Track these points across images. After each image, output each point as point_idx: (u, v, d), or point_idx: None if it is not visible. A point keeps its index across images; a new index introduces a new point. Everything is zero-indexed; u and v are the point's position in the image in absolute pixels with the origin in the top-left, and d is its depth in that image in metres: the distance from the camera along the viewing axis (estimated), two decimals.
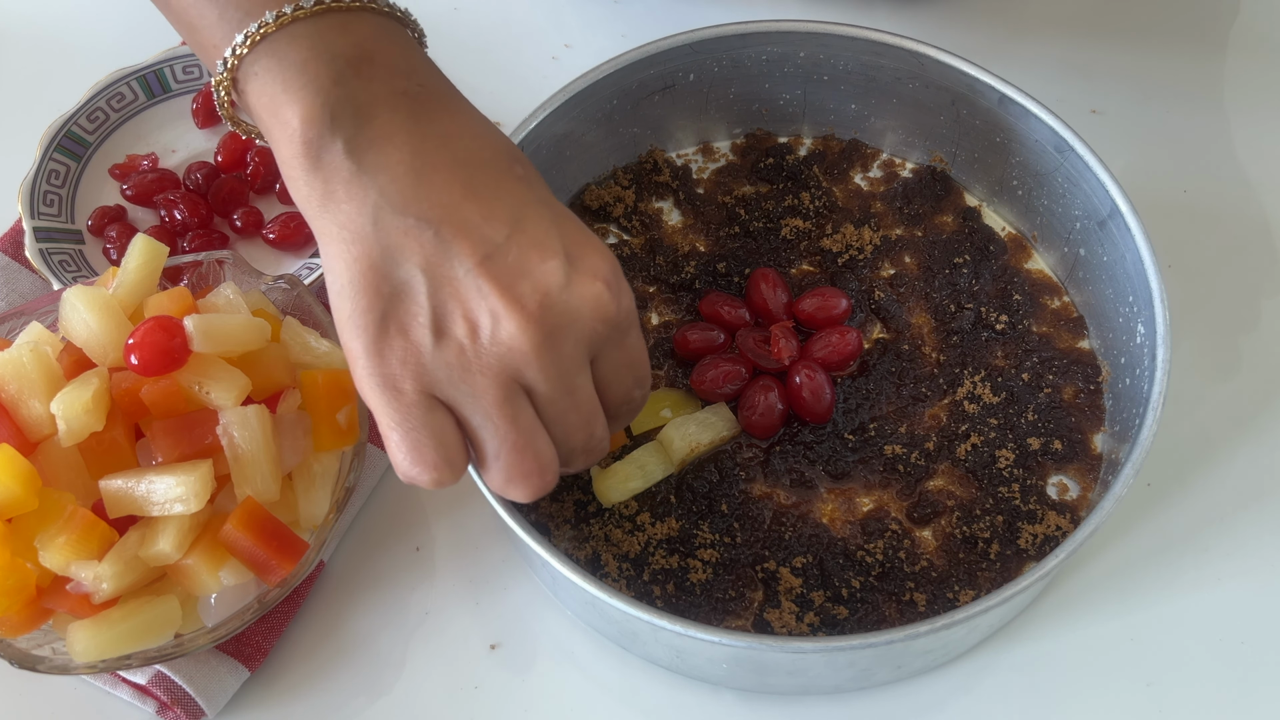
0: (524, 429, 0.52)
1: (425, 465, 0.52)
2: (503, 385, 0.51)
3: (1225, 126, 0.82)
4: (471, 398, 0.52)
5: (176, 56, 0.81)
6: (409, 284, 0.51)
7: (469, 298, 0.51)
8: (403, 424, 0.52)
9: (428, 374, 0.51)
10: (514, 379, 0.52)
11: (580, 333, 0.52)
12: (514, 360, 0.51)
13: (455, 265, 0.51)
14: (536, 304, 0.51)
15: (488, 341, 0.51)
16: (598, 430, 0.55)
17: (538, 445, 0.53)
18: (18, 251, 0.77)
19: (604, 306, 0.53)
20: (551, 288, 0.51)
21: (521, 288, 0.51)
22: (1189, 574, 0.67)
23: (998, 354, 0.71)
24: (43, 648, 0.61)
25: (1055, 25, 0.87)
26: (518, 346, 0.51)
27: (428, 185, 0.52)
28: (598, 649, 0.66)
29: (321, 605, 0.68)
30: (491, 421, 0.52)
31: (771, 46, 0.74)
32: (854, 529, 0.66)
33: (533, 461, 0.53)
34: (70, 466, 0.60)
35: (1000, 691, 0.65)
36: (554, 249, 0.52)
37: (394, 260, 0.51)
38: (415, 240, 0.51)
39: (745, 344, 0.69)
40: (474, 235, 0.51)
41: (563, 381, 0.52)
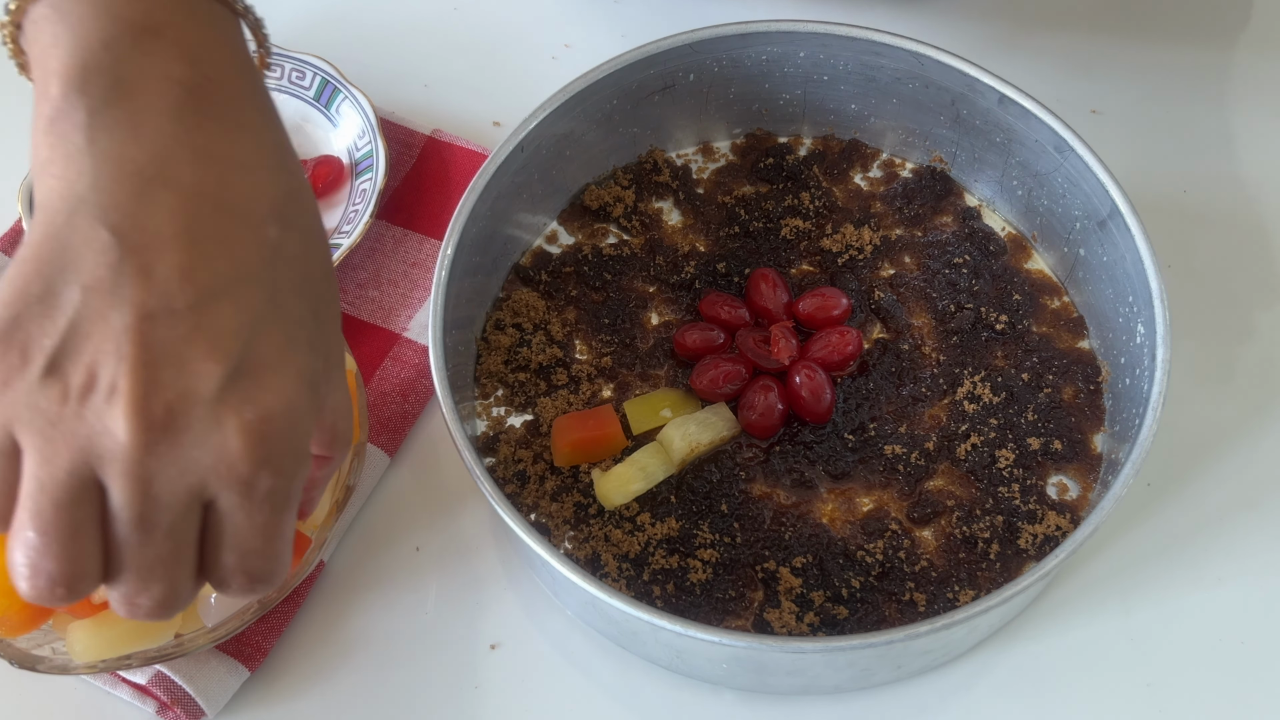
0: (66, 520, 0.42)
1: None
2: (74, 464, 0.42)
3: (1226, 127, 0.82)
4: (39, 457, 0.42)
5: None
6: (59, 297, 0.42)
7: (104, 349, 0.42)
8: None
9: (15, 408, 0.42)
10: (92, 468, 0.42)
11: (195, 466, 0.43)
12: (103, 446, 0.42)
13: (116, 307, 0.42)
14: (165, 403, 0.42)
15: (90, 410, 0.42)
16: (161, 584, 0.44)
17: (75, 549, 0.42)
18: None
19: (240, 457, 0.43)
20: (193, 394, 0.42)
21: (163, 373, 0.42)
22: (1189, 574, 0.67)
23: (998, 354, 0.71)
24: (43, 648, 0.61)
25: (1055, 25, 0.87)
26: (114, 434, 0.42)
27: (146, 204, 0.43)
28: (598, 649, 0.66)
29: (321, 605, 0.68)
30: (40, 489, 0.42)
31: (771, 46, 0.74)
32: (854, 529, 0.66)
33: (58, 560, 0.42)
34: None
35: (1000, 691, 0.65)
36: (227, 353, 0.43)
37: (62, 264, 0.43)
38: (95, 257, 0.42)
39: (745, 344, 0.69)
40: (155, 285, 0.42)
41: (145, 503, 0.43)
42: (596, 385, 0.71)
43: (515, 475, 0.68)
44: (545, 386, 0.70)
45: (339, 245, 0.74)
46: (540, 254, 0.75)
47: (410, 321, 0.75)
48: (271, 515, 0.45)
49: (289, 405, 0.44)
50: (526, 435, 0.69)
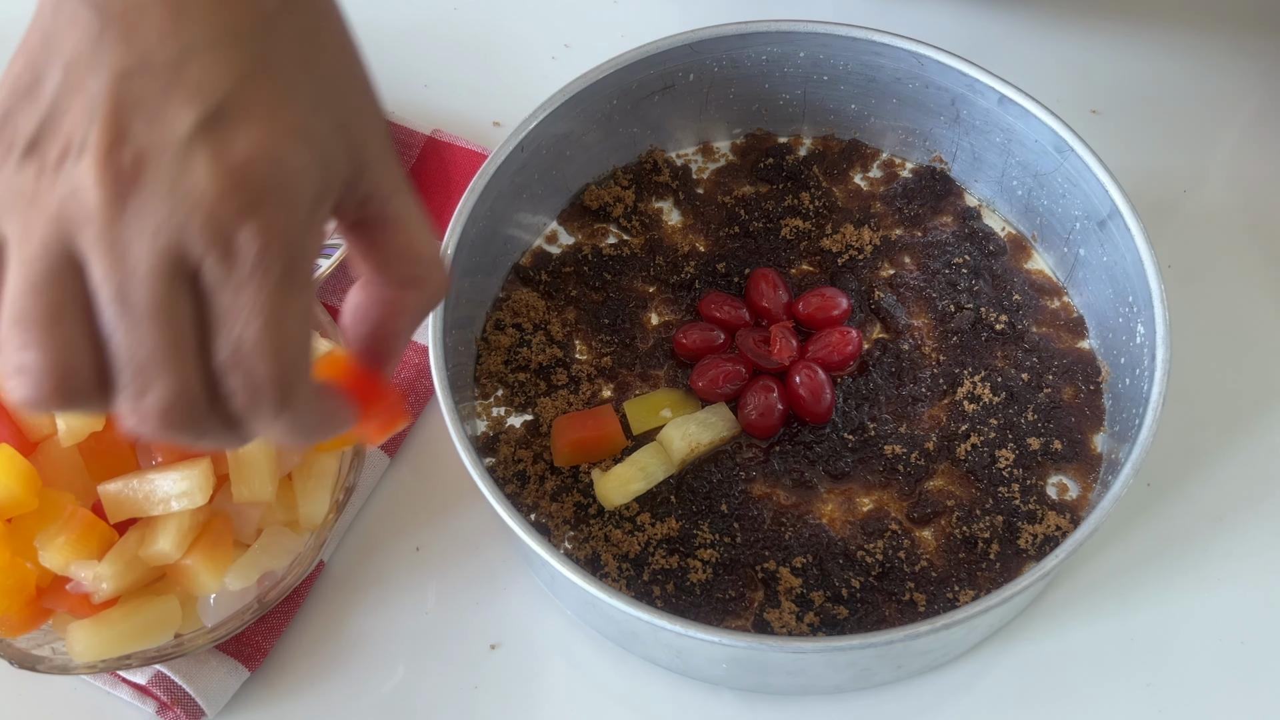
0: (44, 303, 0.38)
1: None
2: (47, 238, 0.39)
3: (1226, 127, 0.82)
4: (16, 240, 0.39)
5: None
6: (43, 82, 0.40)
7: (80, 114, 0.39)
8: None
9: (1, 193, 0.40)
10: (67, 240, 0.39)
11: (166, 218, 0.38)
12: (73, 210, 0.38)
13: (94, 72, 0.39)
14: (133, 151, 0.38)
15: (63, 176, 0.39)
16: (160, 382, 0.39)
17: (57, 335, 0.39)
18: None
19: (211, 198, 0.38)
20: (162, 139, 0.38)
21: (134, 123, 0.38)
22: (1189, 574, 0.67)
23: (998, 354, 0.71)
24: (43, 648, 0.61)
25: (1055, 25, 0.87)
26: (82, 193, 0.38)
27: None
28: (598, 649, 0.66)
29: (321, 605, 0.68)
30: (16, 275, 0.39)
31: (771, 46, 0.74)
32: (854, 529, 0.66)
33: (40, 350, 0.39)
34: (70, 466, 0.60)
35: (1000, 691, 0.65)
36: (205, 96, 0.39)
37: (48, 53, 0.40)
38: (78, 34, 0.39)
39: (745, 344, 0.69)
40: (134, 44, 0.39)
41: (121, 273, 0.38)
42: (596, 385, 0.71)
43: (515, 475, 0.68)
44: (545, 386, 0.70)
45: (339, 245, 0.74)
46: (540, 254, 0.75)
47: None
48: (264, 290, 0.39)
49: (274, 152, 0.39)
50: (526, 435, 0.69)
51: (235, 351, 0.39)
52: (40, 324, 0.39)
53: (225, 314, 0.39)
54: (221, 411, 0.41)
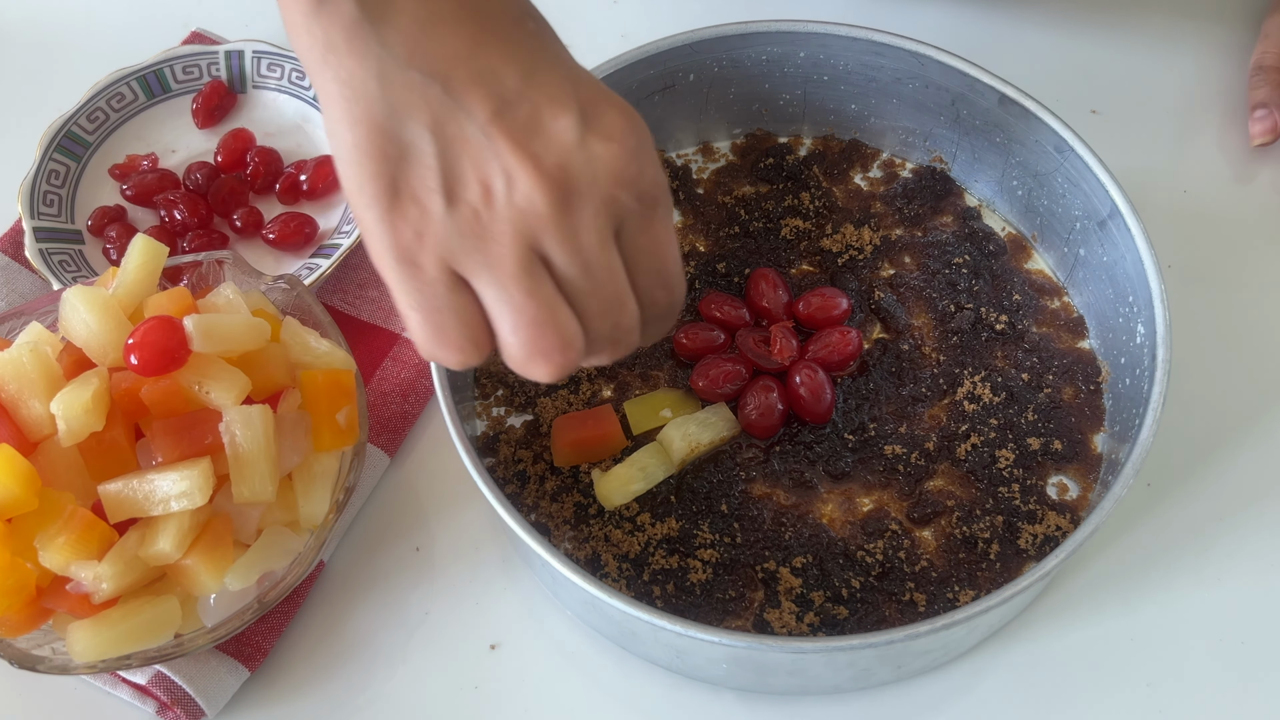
0: (543, 301, 0.48)
1: (450, 346, 0.49)
2: (519, 253, 0.47)
3: (1225, 126, 0.82)
4: (487, 268, 0.48)
5: (176, 56, 0.81)
6: (416, 145, 0.47)
7: (481, 157, 0.47)
8: (424, 304, 0.48)
9: (443, 245, 0.47)
10: (531, 247, 0.48)
11: (600, 198, 0.48)
12: (531, 225, 0.47)
13: (465, 122, 0.47)
14: (554, 163, 0.47)
15: (502, 205, 0.47)
16: (625, 318, 0.50)
17: (559, 319, 0.49)
18: (18, 251, 0.77)
19: (623, 169, 0.48)
20: (567, 145, 0.47)
21: (535, 145, 0.47)
22: (1189, 574, 0.67)
23: (998, 354, 0.71)
24: (43, 648, 0.61)
25: (1055, 25, 0.87)
26: (533, 209, 0.47)
27: (435, 37, 0.47)
28: (598, 649, 0.66)
29: (321, 605, 0.68)
30: (508, 293, 0.48)
31: (771, 46, 0.74)
32: (854, 529, 0.66)
33: (554, 336, 0.49)
34: (70, 466, 0.60)
35: (1000, 691, 0.65)
36: (568, 104, 0.48)
37: (399, 119, 0.47)
38: (422, 96, 0.47)
39: (745, 344, 0.69)
40: (484, 89, 0.47)
41: (583, 253, 0.48)
42: (596, 385, 0.71)
43: (515, 475, 0.68)
44: (545, 386, 0.70)
45: (339, 245, 0.74)
46: None
47: None
48: (666, 224, 0.50)
49: (629, 117, 0.49)
50: (526, 435, 0.69)
51: (659, 272, 0.51)
52: (547, 318, 0.48)
53: (647, 250, 0.50)
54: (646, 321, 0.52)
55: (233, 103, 0.82)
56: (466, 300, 0.49)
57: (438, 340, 0.49)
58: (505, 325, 0.49)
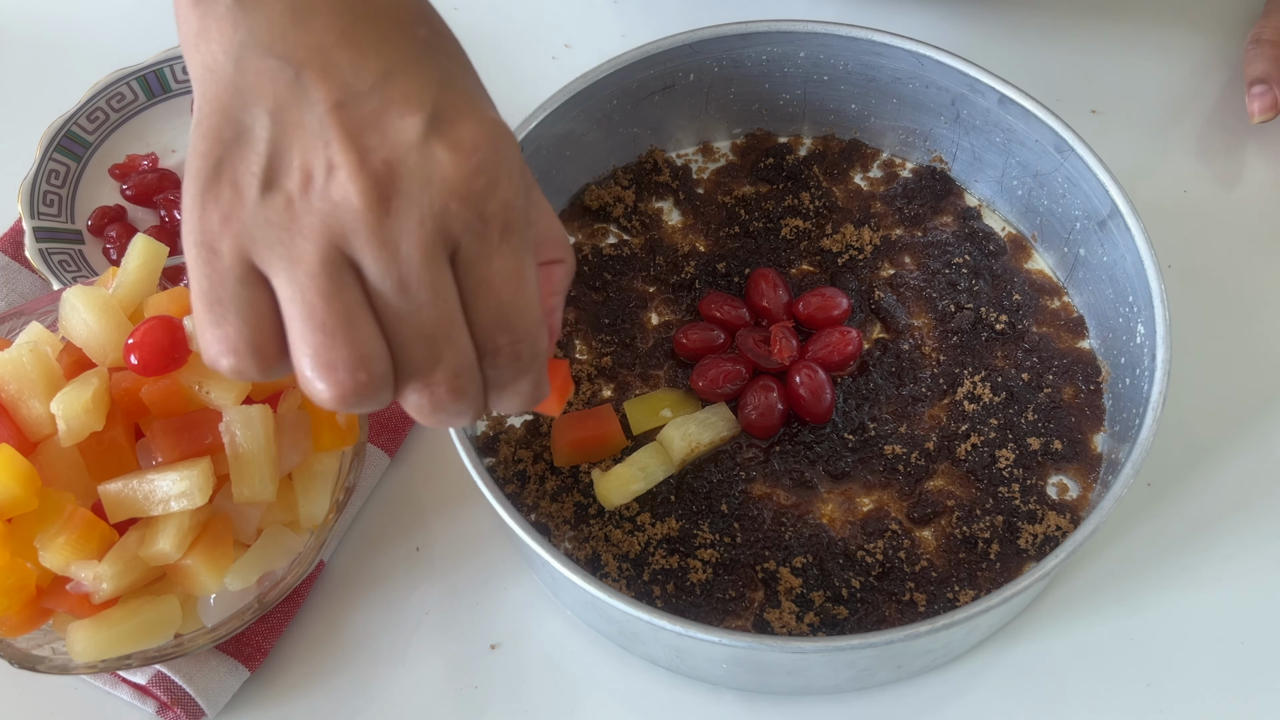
0: (339, 307, 0.43)
1: (225, 348, 0.44)
2: (323, 251, 0.43)
3: (1226, 126, 0.82)
4: (287, 262, 0.43)
5: (176, 56, 0.81)
6: (252, 129, 0.44)
7: (310, 145, 0.44)
8: (210, 293, 0.44)
9: (246, 232, 0.43)
10: (340, 248, 0.43)
11: (429, 207, 0.43)
12: (342, 220, 0.43)
13: (306, 110, 0.44)
14: (381, 160, 0.43)
15: (317, 196, 0.43)
16: (452, 354, 0.45)
17: (355, 332, 0.43)
18: (18, 251, 0.77)
19: (464, 180, 0.44)
20: (402, 145, 0.44)
21: (369, 139, 0.44)
22: (1189, 574, 0.67)
23: (998, 354, 0.71)
24: (43, 648, 0.61)
25: (1055, 25, 0.87)
26: (346, 202, 0.43)
27: (303, 27, 0.45)
28: (598, 649, 0.66)
29: (321, 605, 0.68)
30: (301, 293, 0.43)
31: (771, 46, 0.74)
32: (854, 529, 0.66)
33: (345, 350, 0.43)
34: (70, 466, 0.60)
35: (1000, 691, 0.65)
36: (420, 104, 0.44)
37: (244, 102, 0.44)
38: (271, 82, 0.44)
39: (745, 344, 0.69)
40: (334, 79, 0.44)
41: (400, 264, 0.43)
42: (596, 385, 0.71)
43: (515, 475, 0.68)
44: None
45: None
46: None
47: None
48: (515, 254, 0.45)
49: (493, 133, 0.45)
50: (526, 435, 0.69)
51: (500, 312, 0.45)
52: (340, 326, 0.43)
53: (485, 281, 0.45)
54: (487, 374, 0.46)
55: None
56: (257, 298, 0.44)
57: (215, 335, 0.44)
58: (294, 329, 0.44)
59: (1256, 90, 0.78)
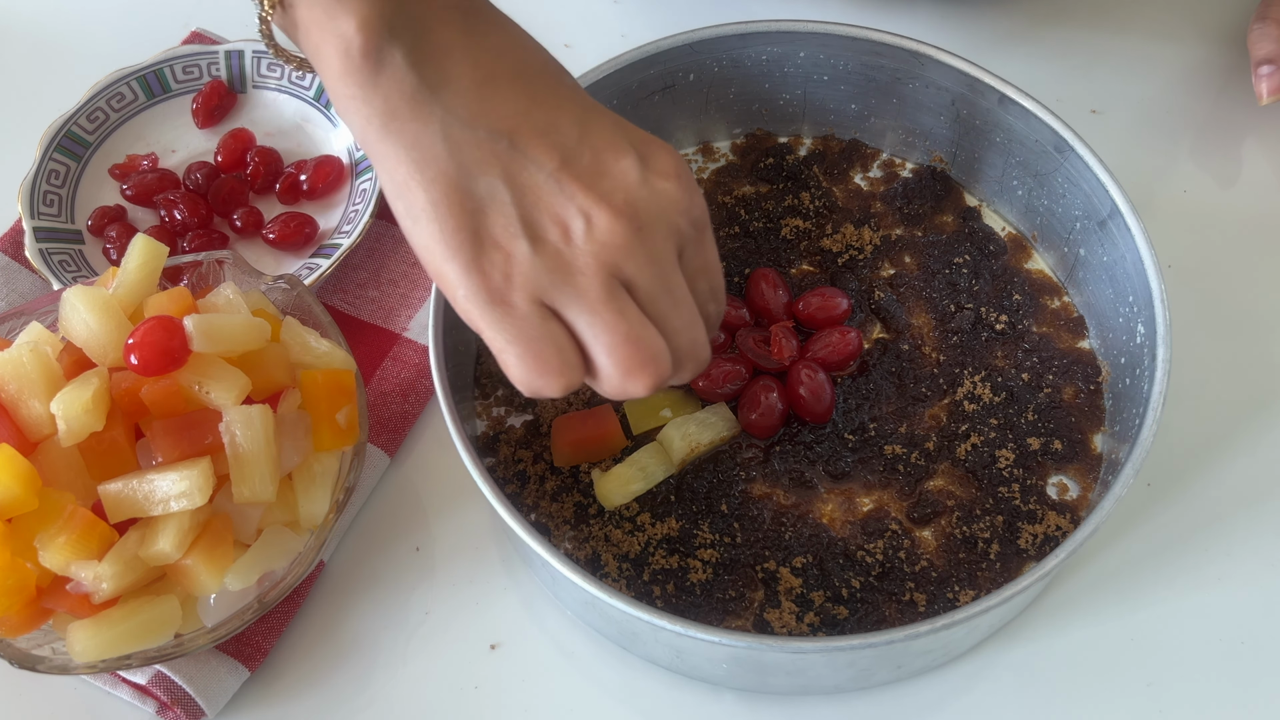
0: (633, 320, 0.52)
1: (551, 372, 0.52)
2: (605, 280, 0.52)
3: (1225, 126, 0.82)
4: (576, 298, 0.52)
5: (176, 56, 0.81)
6: (493, 196, 0.51)
7: (555, 201, 0.51)
8: (519, 338, 0.52)
9: (532, 282, 0.51)
10: (613, 275, 0.52)
11: (667, 227, 0.53)
12: (611, 255, 0.52)
13: (535, 171, 0.51)
14: (623, 199, 0.52)
15: (582, 240, 0.51)
16: (699, 334, 0.55)
17: (648, 335, 0.53)
18: (18, 251, 0.77)
19: (680, 200, 0.53)
20: (632, 184, 0.52)
21: (604, 186, 0.52)
22: (1189, 574, 0.67)
23: (998, 354, 0.71)
24: (43, 648, 0.61)
25: (1055, 25, 0.87)
26: (613, 241, 0.51)
27: (493, 97, 0.52)
28: (598, 649, 0.66)
29: (321, 605, 0.68)
30: (600, 317, 0.52)
31: (771, 46, 0.74)
32: (854, 529, 0.66)
33: (646, 350, 0.52)
34: (70, 466, 0.60)
35: (1000, 691, 0.65)
36: (625, 148, 0.53)
37: (472, 175, 0.51)
38: (490, 152, 0.51)
39: (745, 344, 0.69)
40: (548, 141, 0.52)
41: (661, 276, 0.53)
42: None
43: (515, 475, 0.68)
44: None
45: (339, 245, 0.74)
46: None
47: (410, 321, 0.75)
48: (712, 240, 0.56)
49: (676, 155, 0.54)
50: (526, 435, 0.69)
51: (713, 287, 0.57)
52: (641, 335, 0.52)
53: (699, 269, 0.55)
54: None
55: (233, 102, 0.82)
56: (559, 329, 0.52)
57: (538, 369, 0.52)
58: (600, 347, 0.52)
59: (1264, 71, 0.77)
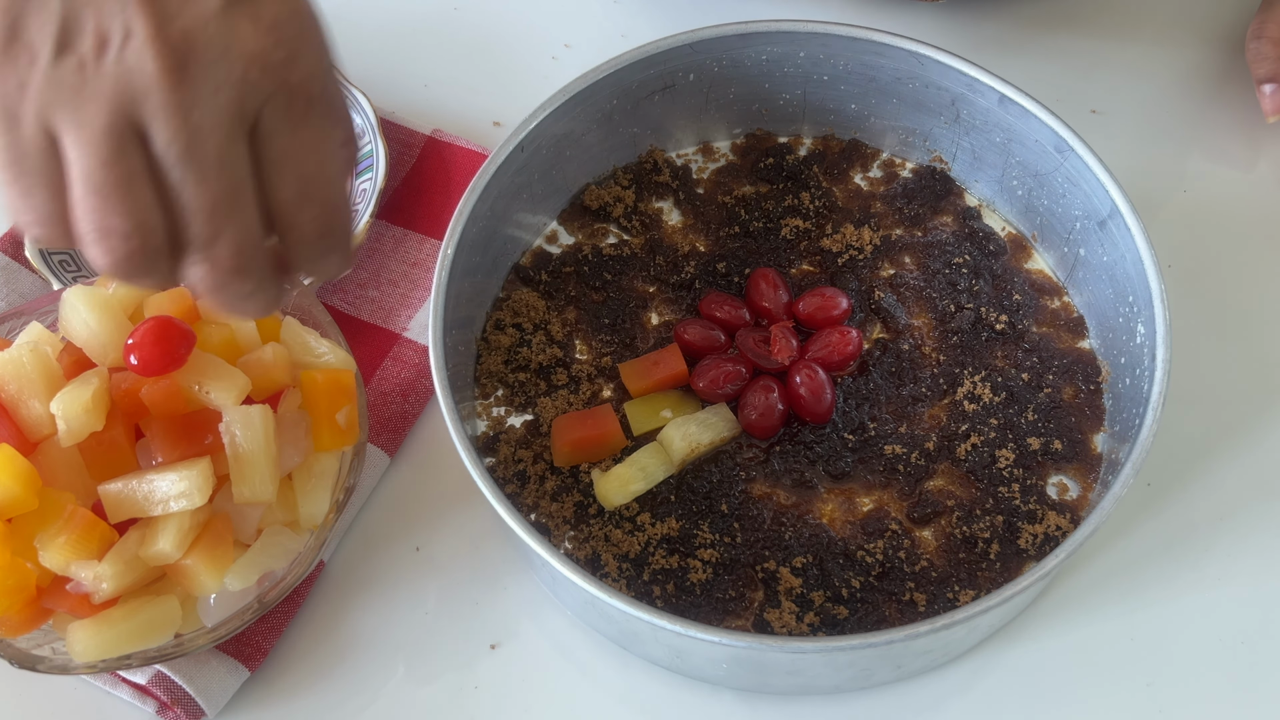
0: (119, 172, 0.43)
1: (36, 217, 0.44)
2: (111, 115, 0.43)
3: (1225, 126, 0.82)
4: (76, 127, 0.43)
5: None
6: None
7: (107, 8, 0.43)
8: (15, 162, 0.44)
9: (43, 97, 0.43)
10: (129, 116, 0.43)
11: (224, 77, 0.43)
12: (133, 86, 0.43)
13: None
14: (179, 28, 0.43)
15: (111, 61, 0.43)
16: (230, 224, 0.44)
17: (134, 199, 0.43)
18: (18, 251, 0.77)
19: (265, 52, 0.44)
20: (204, 14, 0.43)
21: (169, 6, 0.43)
22: (1189, 574, 0.67)
23: (998, 354, 0.71)
24: (43, 648, 0.61)
25: (1055, 25, 0.87)
26: (141, 68, 0.43)
27: None
28: (598, 649, 0.66)
29: (321, 605, 0.68)
30: (85, 155, 0.43)
31: (771, 46, 0.74)
32: (854, 529, 0.66)
33: (121, 216, 0.43)
34: (70, 466, 0.60)
35: (1000, 691, 0.65)
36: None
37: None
38: None
39: (745, 344, 0.69)
40: None
41: (190, 134, 0.43)
42: (596, 385, 0.71)
43: (515, 475, 0.68)
44: (545, 386, 0.70)
45: None
46: (540, 254, 0.75)
47: (410, 321, 0.75)
48: (320, 126, 0.45)
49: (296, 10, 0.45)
50: (526, 435, 0.69)
51: (304, 184, 0.45)
52: (117, 192, 0.43)
53: (287, 153, 0.45)
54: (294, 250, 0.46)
55: None
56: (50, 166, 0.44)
57: (25, 205, 0.44)
58: (75, 194, 0.44)
59: (1268, 89, 0.78)
